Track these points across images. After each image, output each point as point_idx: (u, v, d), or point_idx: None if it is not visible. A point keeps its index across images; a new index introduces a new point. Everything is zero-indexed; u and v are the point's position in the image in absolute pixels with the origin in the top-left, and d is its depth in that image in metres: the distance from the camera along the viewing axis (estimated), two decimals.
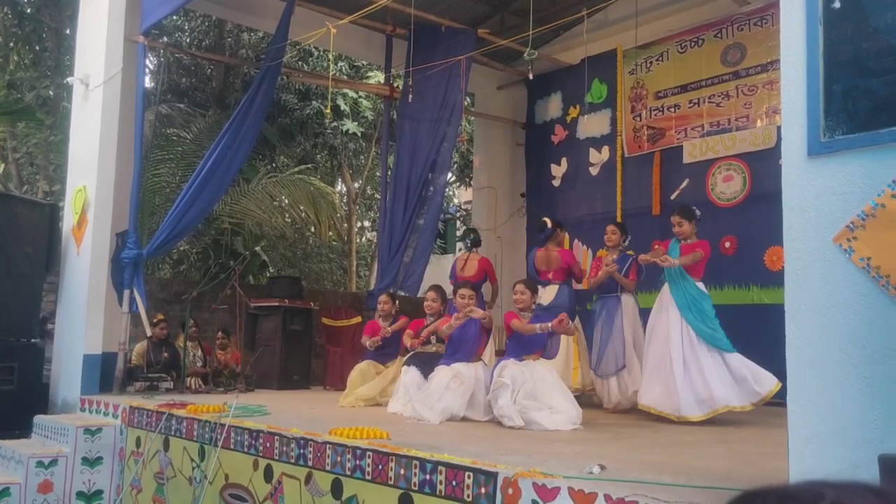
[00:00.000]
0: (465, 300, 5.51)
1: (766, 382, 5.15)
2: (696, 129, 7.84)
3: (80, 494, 5.62)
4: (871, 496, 0.50)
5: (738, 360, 5.26)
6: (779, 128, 2.44)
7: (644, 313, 6.06)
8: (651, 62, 8.34)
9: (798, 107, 2.58)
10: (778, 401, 4.20)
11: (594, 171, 8.77)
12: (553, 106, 9.43)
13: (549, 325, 4.92)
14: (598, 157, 8.74)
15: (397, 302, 7.17)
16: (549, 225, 6.67)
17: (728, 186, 7.49)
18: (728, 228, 7.34)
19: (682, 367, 5.22)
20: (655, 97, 8.25)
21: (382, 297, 6.96)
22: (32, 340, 6.82)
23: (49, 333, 7.44)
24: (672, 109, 8.08)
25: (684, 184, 7.85)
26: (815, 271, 2.48)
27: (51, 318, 7.57)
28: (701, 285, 5.48)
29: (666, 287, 5.52)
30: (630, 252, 6.28)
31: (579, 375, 6.38)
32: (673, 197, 7.90)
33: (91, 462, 5.67)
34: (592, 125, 8.83)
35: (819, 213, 2.49)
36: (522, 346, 5.11)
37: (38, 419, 6.22)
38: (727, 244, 7.31)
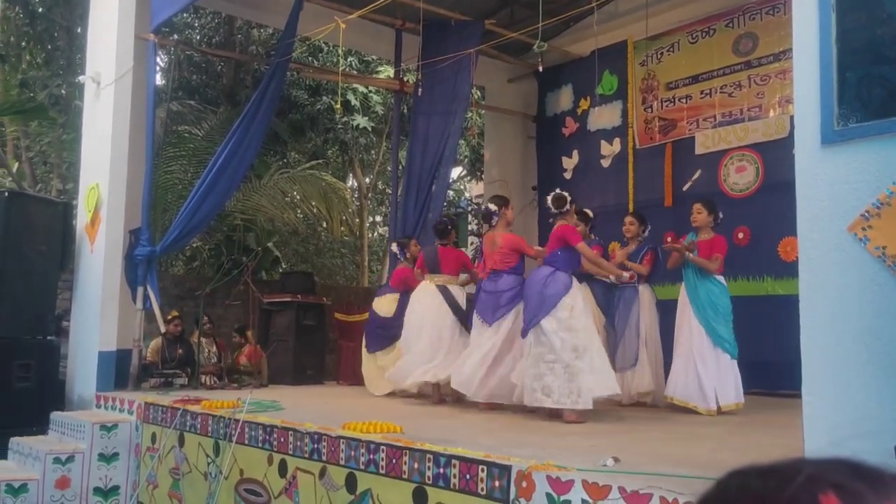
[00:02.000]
0: None
1: (734, 396, 5.30)
2: (708, 119, 7.78)
3: (97, 490, 5.67)
4: (848, 470, 0.51)
5: (730, 366, 5.33)
6: (792, 117, 2.41)
7: (662, 305, 6.04)
8: (662, 53, 8.28)
9: (811, 95, 2.56)
10: (793, 392, 4.16)
11: (606, 163, 8.73)
12: (564, 98, 9.39)
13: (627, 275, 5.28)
14: (609, 149, 8.69)
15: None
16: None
17: (741, 177, 7.44)
18: (741, 219, 7.28)
19: (703, 362, 5.28)
20: (667, 88, 8.20)
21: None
22: (48, 338, 6.88)
23: (65, 331, 7.50)
24: (684, 100, 8.03)
25: (697, 175, 7.80)
26: (830, 261, 2.46)
27: (66, 316, 7.63)
28: (721, 279, 5.49)
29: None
30: (640, 240, 6.22)
31: None
32: (685, 188, 7.85)
33: (107, 458, 5.72)
34: (603, 117, 8.79)
35: (833, 202, 2.46)
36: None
37: (55, 416, 6.28)
38: (740, 235, 7.26)
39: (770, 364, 5.88)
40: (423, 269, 6.40)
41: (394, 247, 7.36)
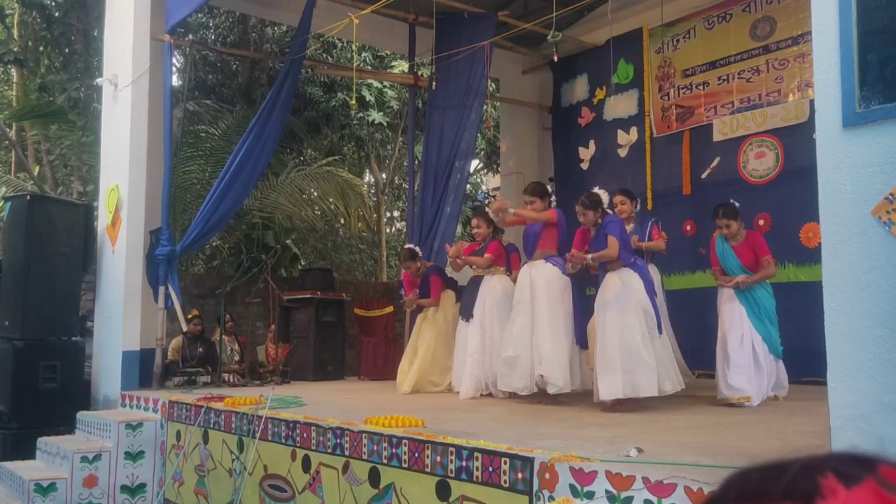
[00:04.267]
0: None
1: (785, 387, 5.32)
2: (725, 106, 7.70)
3: (123, 488, 5.73)
4: (846, 457, 0.53)
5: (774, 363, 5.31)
6: (811, 101, 2.38)
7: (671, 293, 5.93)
8: (678, 40, 8.20)
9: (832, 78, 2.52)
10: (817, 379, 4.13)
11: (623, 152, 8.67)
12: (579, 88, 9.33)
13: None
14: (626, 138, 8.63)
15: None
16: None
17: (760, 163, 7.36)
18: (761, 206, 7.20)
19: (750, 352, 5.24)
20: (683, 75, 8.12)
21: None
22: (73, 339, 6.96)
23: (89, 331, 7.59)
24: (701, 87, 7.95)
25: (715, 162, 7.73)
26: (854, 245, 2.42)
27: (90, 316, 7.72)
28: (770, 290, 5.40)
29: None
30: (634, 217, 6.03)
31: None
32: (704, 176, 7.78)
33: (133, 456, 5.78)
34: (620, 106, 8.72)
35: (856, 185, 2.43)
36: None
37: (81, 415, 6.36)
38: (761, 222, 7.18)
39: (794, 351, 5.81)
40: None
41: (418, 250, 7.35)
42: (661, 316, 5.27)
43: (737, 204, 5.49)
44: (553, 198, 5.68)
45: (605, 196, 5.27)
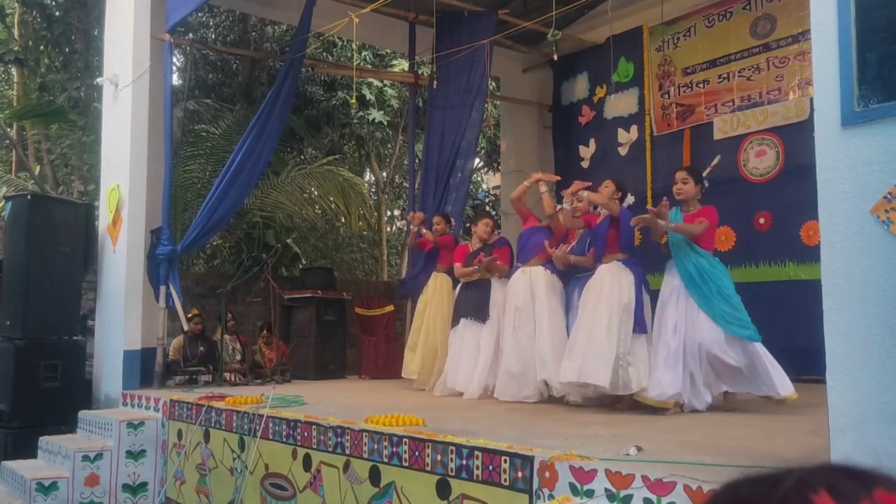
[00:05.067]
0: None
1: (786, 387, 4.66)
2: (726, 104, 7.70)
3: (125, 487, 5.74)
4: (840, 471, 0.51)
5: (761, 351, 4.69)
6: (812, 99, 2.38)
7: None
8: (678, 38, 8.20)
9: (830, 76, 2.52)
10: (817, 377, 4.12)
11: (623, 150, 8.67)
12: (579, 87, 9.33)
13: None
14: (626, 136, 8.63)
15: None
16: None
17: (761, 161, 7.36)
18: (762, 204, 7.21)
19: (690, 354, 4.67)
20: (684, 73, 8.12)
21: (436, 218, 7.08)
22: (74, 338, 6.97)
23: (90, 330, 7.60)
24: (701, 85, 7.95)
25: (716, 160, 7.68)
26: (853, 244, 2.42)
27: (91, 316, 7.73)
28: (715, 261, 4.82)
29: (671, 263, 4.88)
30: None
31: None
32: (704, 174, 7.74)
33: (135, 455, 5.79)
34: (620, 105, 8.72)
35: (855, 184, 2.43)
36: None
37: (83, 414, 6.37)
38: (761, 220, 7.19)
39: (794, 350, 5.81)
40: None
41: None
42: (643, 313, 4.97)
43: (706, 182, 5.10)
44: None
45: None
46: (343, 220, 13.12)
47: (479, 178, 17.05)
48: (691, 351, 4.65)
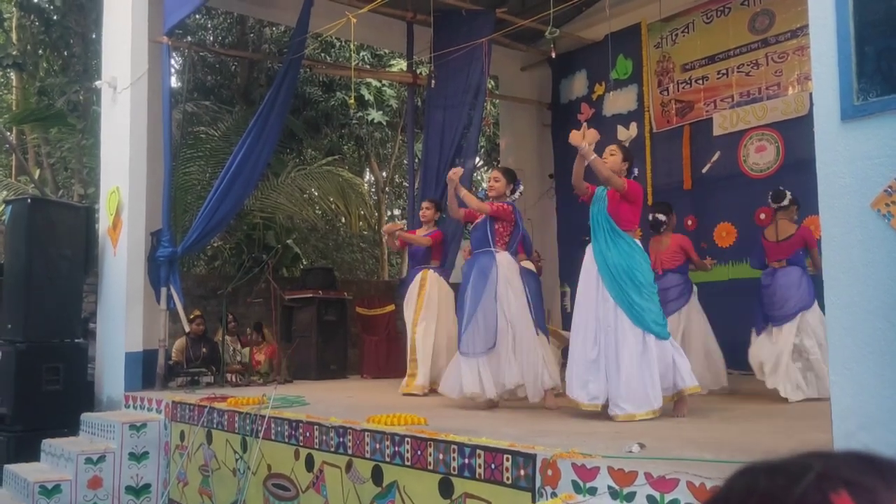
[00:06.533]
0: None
1: (688, 379, 4.26)
2: (725, 100, 7.69)
3: (128, 489, 5.74)
4: (860, 464, 0.49)
5: (667, 347, 4.26)
6: (811, 94, 2.37)
7: None
8: (676, 34, 8.19)
9: (829, 70, 2.52)
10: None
11: None
12: (578, 84, 9.32)
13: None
14: (626, 133, 8.62)
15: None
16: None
17: (761, 157, 7.35)
18: (762, 199, 7.16)
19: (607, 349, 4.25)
20: (682, 70, 8.11)
21: (425, 203, 6.89)
22: (76, 341, 6.97)
23: (91, 333, 7.60)
24: (700, 81, 7.94)
25: (715, 156, 7.72)
26: (853, 238, 2.42)
27: (92, 318, 7.73)
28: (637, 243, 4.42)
29: (589, 248, 4.46)
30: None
31: None
32: (704, 171, 7.78)
33: (138, 457, 5.79)
34: (619, 102, 8.72)
35: (855, 178, 2.42)
36: None
37: (85, 417, 6.37)
38: (762, 216, 7.17)
39: None
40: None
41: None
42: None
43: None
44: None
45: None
46: (343, 220, 13.13)
47: (478, 177, 17.05)
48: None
